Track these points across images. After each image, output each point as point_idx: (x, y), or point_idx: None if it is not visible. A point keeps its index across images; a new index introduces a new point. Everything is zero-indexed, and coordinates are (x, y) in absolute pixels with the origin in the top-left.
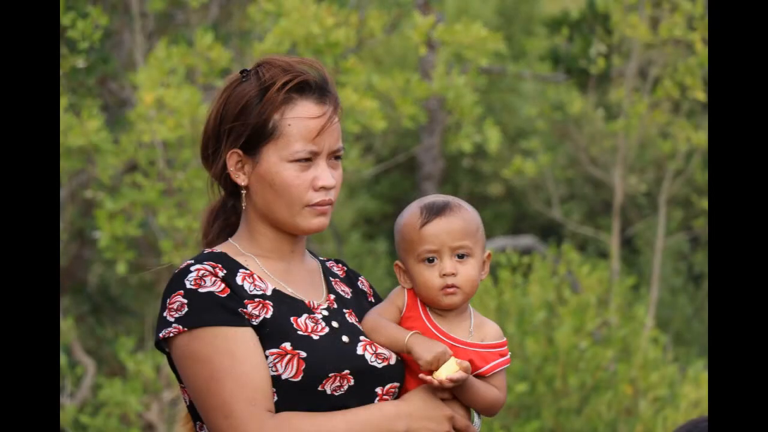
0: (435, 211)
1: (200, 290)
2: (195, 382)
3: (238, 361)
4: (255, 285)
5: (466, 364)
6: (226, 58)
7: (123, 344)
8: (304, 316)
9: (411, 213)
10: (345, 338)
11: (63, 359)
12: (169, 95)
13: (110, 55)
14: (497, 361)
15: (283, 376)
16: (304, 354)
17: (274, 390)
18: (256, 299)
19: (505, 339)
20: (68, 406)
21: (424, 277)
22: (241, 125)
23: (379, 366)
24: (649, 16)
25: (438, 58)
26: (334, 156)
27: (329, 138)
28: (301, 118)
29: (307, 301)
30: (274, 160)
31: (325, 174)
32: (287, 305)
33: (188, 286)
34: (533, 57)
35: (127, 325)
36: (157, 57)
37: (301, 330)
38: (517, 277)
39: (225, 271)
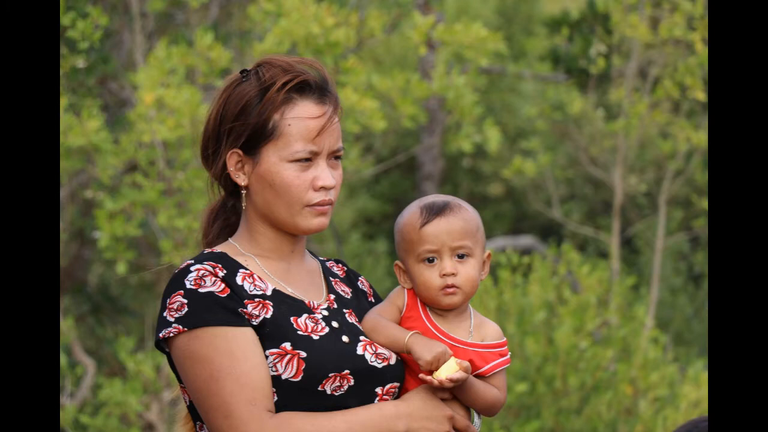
0: (435, 211)
1: (200, 290)
2: (195, 382)
3: (238, 361)
4: (255, 285)
5: (466, 364)
6: (226, 58)
7: (123, 344)
8: (304, 316)
9: (411, 213)
10: (345, 338)
11: (63, 359)
12: (169, 95)
13: (110, 55)
14: (497, 361)
15: (283, 376)
16: (304, 354)
17: (274, 390)
18: (256, 299)
19: (505, 339)
20: (68, 406)
21: (424, 277)
22: (241, 125)
23: (379, 366)
24: (649, 16)
25: (438, 58)
26: (334, 156)
27: (329, 138)
28: (301, 118)
29: (307, 301)
30: (274, 160)
31: (325, 174)
32: (287, 305)
33: (188, 286)
34: (533, 57)
35: (127, 325)
36: (157, 57)
37: (301, 330)
38: (517, 277)
39: (225, 271)
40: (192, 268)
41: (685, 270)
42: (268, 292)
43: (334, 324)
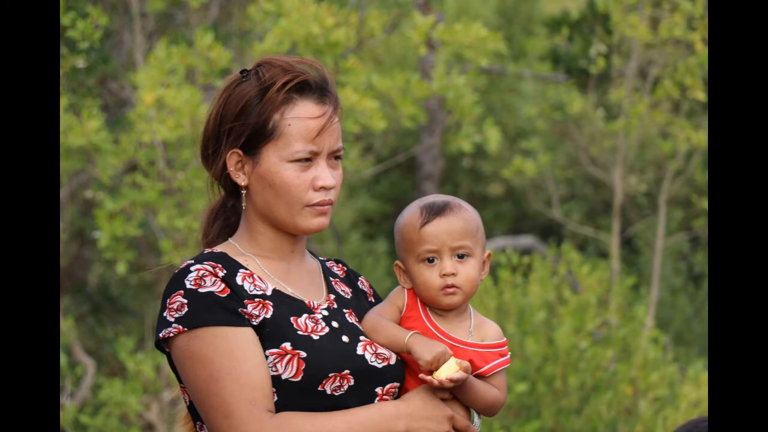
0: (435, 211)
1: (200, 290)
2: (195, 382)
3: (238, 361)
4: (255, 285)
5: (466, 364)
6: (226, 58)
7: (123, 344)
8: (304, 316)
9: (411, 213)
10: (345, 338)
11: (63, 359)
12: (169, 95)
13: (110, 55)
14: (497, 361)
15: (283, 376)
16: (304, 354)
17: (274, 390)
18: (256, 299)
19: (505, 339)
20: (68, 406)
21: (424, 277)
22: (241, 125)
23: (379, 366)
24: (649, 16)
25: (438, 58)
26: (334, 156)
27: (329, 138)
28: (301, 118)
29: (307, 301)
30: (274, 160)
31: (325, 174)
32: (287, 305)
33: (188, 286)
34: (533, 57)
35: (127, 325)
36: (157, 57)
37: (301, 330)
38: (517, 277)
39: (225, 271)
40: (192, 268)
41: (685, 270)
42: (268, 292)
43: (334, 324)
